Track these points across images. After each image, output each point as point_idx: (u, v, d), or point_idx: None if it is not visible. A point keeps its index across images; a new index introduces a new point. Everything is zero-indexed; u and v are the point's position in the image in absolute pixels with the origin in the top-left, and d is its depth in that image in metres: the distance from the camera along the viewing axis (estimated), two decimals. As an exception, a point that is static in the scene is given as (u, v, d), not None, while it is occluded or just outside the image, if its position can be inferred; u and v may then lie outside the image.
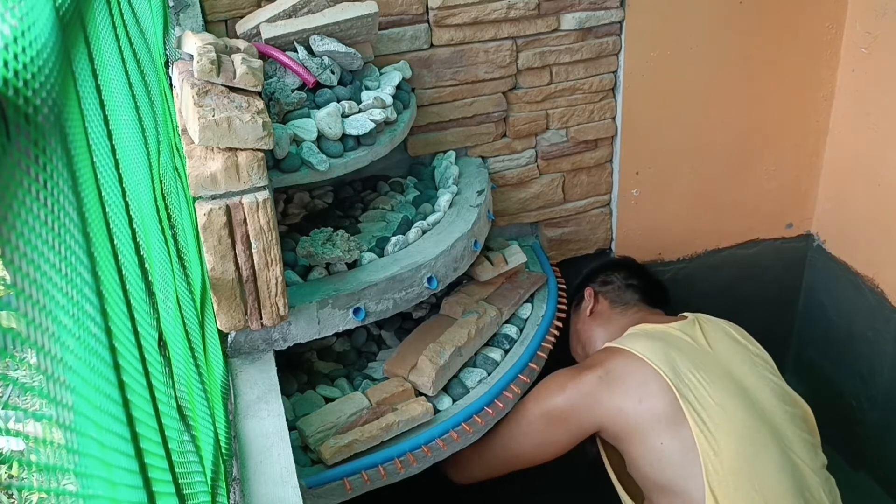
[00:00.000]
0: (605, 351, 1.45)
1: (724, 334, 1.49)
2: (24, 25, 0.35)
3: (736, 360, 1.43)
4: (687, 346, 1.42)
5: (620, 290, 1.63)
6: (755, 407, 1.36)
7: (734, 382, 1.37)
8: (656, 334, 1.44)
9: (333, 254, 1.29)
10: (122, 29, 0.79)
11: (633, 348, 1.39)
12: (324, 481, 1.20)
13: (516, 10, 1.56)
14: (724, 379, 1.37)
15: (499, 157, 1.71)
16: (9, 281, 0.31)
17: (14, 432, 0.33)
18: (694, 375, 1.35)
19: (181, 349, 0.77)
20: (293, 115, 1.31)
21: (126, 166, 0.64)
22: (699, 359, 1.39)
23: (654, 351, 1.37)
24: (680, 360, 1.36)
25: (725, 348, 1.45)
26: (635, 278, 1.66)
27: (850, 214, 1.89)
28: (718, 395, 1.33)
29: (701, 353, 1.42)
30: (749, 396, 1.37)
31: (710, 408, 1.31)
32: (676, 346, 1.40)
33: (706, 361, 1.39)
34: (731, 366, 1.42)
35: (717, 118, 1.81)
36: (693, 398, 1.32)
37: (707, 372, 1.36)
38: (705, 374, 1.36)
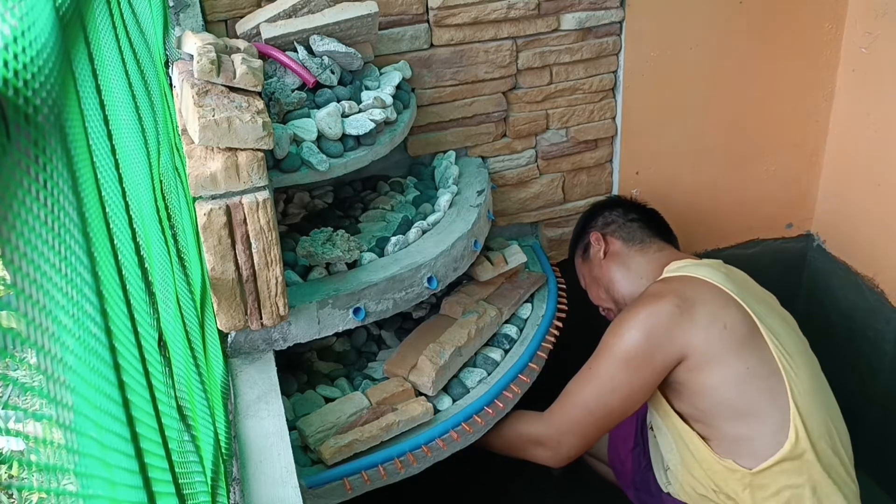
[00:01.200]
0: (667, 280, 1.38)
1: (750, 279, 1.48)
2: (24, 25, 0.35)
3: (769, 298, 1.44)
4: (739, 279, 1.40)
5: (626, 227, 1.55)
6: (801, 340, 1.38)
7: (777, 313, 1.38)
8: (709, 266, 1.40)
9: (333, 254, 1.29)
10: (122, 29, 0.79)
11: (701, 275, 1.35)
12: (324, 481, 1.20)
13: (516, 10, 1.56)
14: (772, 312, 1.37)
15: (499, 157, 1.71)
16: (9, 281, 0.31)
17: (14, 432, 0.33)
18: (758, 305, 1.33)
19: (181, 349, 0.77)
20: (293, 115, 1.31)
21: (126, 166, 0.64)
22: (752, 291, 1.38)
23: (722, 278, 1.34)
24: (744, 291, 1.34)
25: (760, 290, 1.44)
26: (634, 212, 1.59)
27: (850, 214, 1.89)
28: (779, 325, 1.33)
29: (750, 286, 1.41)
30: (791, 327, 1.38)
31: (779, 333, 1.31)
32: (732, 278, 1.37)
33: (757, 294, 1.39)
34: (766, 297, 1.42)
35: (717, 118, 1.81)
36: (767, 322, 1.30)
37: (761, 303, 1.35)
38: (763, 306, 1.35)
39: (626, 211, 1.59)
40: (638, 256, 1.51)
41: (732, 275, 1.40)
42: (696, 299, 1.30)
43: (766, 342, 1.28)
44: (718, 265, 1.42)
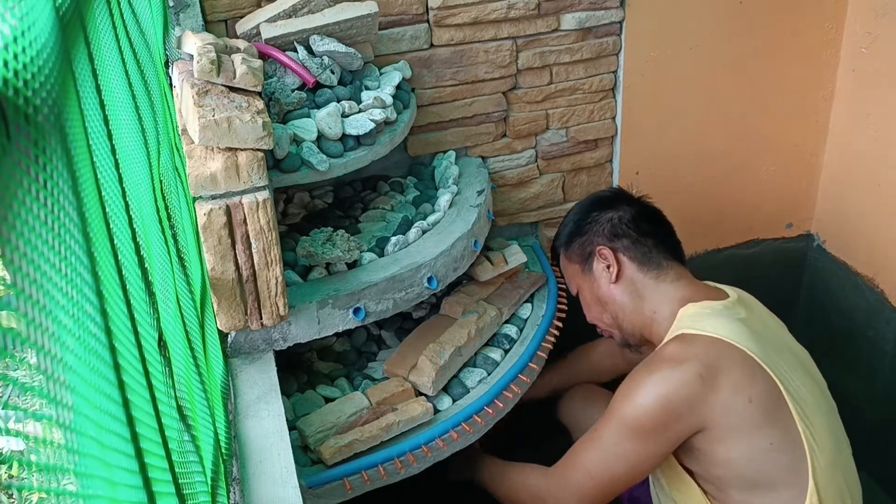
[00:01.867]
0: (687, 340, 1.22)
1: (761, 304, 1.37)
2: (24, 25, 0.35)
3: (783, 333, 1.33)
4: (758, 325, 1.26)
5: (640, 245, 1.35)
6: (819, 385, 1.27)
7: (797, 359, 1.27)
8: (727, 313, 1.25)
9: (333, 254, 1.29)
10: (122, 29, 0.79)
11: (723, 335, 1.20)
12: (324, 481, 1.20)
13: (516, 10, 1.56)
14: (793, 359, 1.26)
15: (499, 157, 1.71)
16: (9, 281, 0.31)
17: (14, 432, 0.33)
18: (780, 360, 1.21)
19: (181, 349, 0.77)
20: (293, 115, 1.31)
21: (126, 166, 0.64)
22: (771, 339, 1.26)
23: (745, 336, 1.20)
24: (766, 344, 1.22)
25: (773, 321, 1.34)
26: (645, 222, 1.39)
27: (850, 214, 1.89)
28: (801, 380, 1.22)
29: (768, 331, 1.28)
30: (809, 373, 1.28)
31: (804, 397, 1.20)
32: (753, 327, 1.24)
33: (776, 341, 1.26)
34: (787, 340, 1.32)
35: (717, 118, 1.81)
36: (792, 388, 1.19)
37: (782, 353, 1.24)
38: (784, 357, 1.23)
39: (637, 218, 1.38)
40: (653, 285, 1.33)
41: (752, 319, 1.27)
42: (721, 368, 1.16)
43: (790, 412, 1.17)
44: (736, 306, 1.28)
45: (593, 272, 1.38)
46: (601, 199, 1.44)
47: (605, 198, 1.45)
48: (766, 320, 1.32)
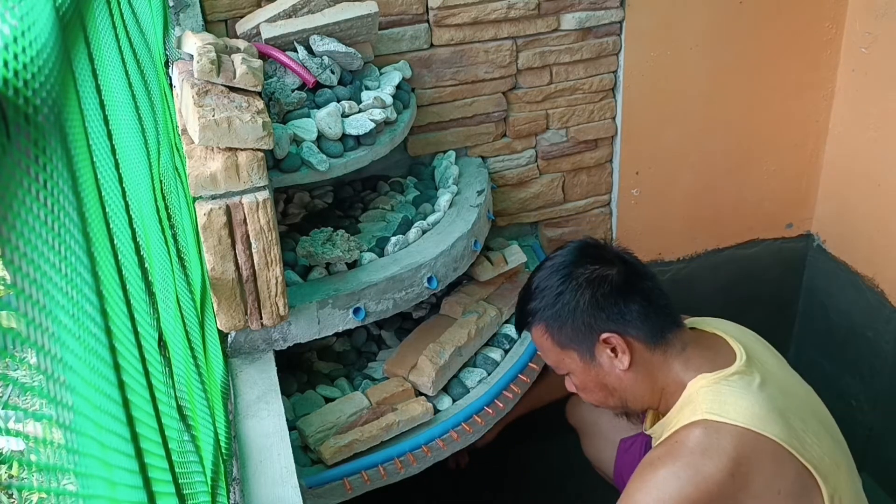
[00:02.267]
0: (716, 430, 1.10)
1: (764, 347, 1.27)
2: (24, 25, 0.35)
3: (790, 377, 1.25)
4: (774, 390, 1.16)
5: (644, 317, 1.18)
6: (834, 437, 1.21)
7: (812, 412, 1.21)
8: (745, 384, 1.14)
9: (333, 254, 1.29)
10: (122, 29, 0.79)
11: (750, 424, 1.09)
12: (324, 481, 1.20)
13: (516, 10, 1.56)
14: (811, 415, 1.18)
15: (499, 157, 1.71)
16: (9, 281, 0.31)
17: (14, 432, 0.33)
18: (801, 427, 1.13)
19: (181, 349, 0.77)
20: (293, 115, 1.31)
21: (126, 166, 0.64)
22: (790, 400, 1.17)
23: (770, 419, 1.11)
24: (784, 409, 1.13)
25: (777, 365, 1.25)
26: (637, 282, 1.22)
27: (850, 214, 1.89)
28: (822, 443, 1.15)
29: (784, 391, 1.18)
30: (825, 426, 1.21)
31: (827, 466, 1.13)
32: (773, 398, 1.14)
33: (793, 400, 1.18)
34: (798, 389, 1.23)
35: (717, 118, 1.81)
36: (816, 462, 1.11)
37: (802, 416, 1.15)
38: (803, 419, 1.15)
39: (631, 282, 1.20)
40: (661, 361, 1.19)
41: (768, 383, 1.15)
42: (752, 465, 1.08)
43: (819, 491, 1.11)
44: (748, 371, 1.16)
45: (596, 360, 1.20)
46: (577, 261, 1.22)
47: (582, 258, 1.22)
48: (776, 374, 1.21)
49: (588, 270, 1.20)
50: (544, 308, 1.21)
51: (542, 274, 1.24)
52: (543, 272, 1.24)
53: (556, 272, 1.22)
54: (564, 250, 1.26)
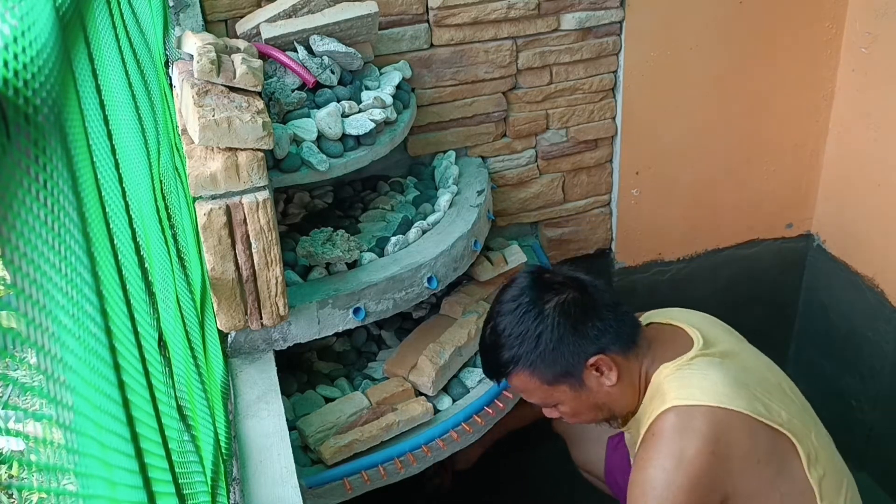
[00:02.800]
0: (687, 415, 1.13)
1: (720, 329, 1.30)
2: (24, 25, 0.35)
3: (745, 349, 1.28)
4: (734, 365, 1.20)
5: (614, 329, 1.19)
6: (799, 400, 1.25)
7: (776, 382, 1.24)
8: (706, 365, 1.18)
9: (333, 254, 1.29)
10: (122, 29, 0.79)
11: (715, 402, 1.12)
12: (324, 481, 1.20)
13: (516, 10, 1.56)
14: (774, 385, 1.22)
15: (499, 157, 1.71)
16: (9, 281, 0.31)
17: (14, 432, 0.33)
18: (766, 396, 1.17)
19: (181, 349, 0.77)
20: (293, 115, 1.31)
21: (126, 166, 0.64)
22: (750, 372, 1.21)
23: (734, 392, 1.14)
24: (747, 381, 1.17)
25: (733, 340, 1.29)
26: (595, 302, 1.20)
27: (850, 214, 1.89)
28: (789, 408, 1.18)
29: (742, 363, 1.22)
30: (787, 390, 1.24)
31: (798, 428, 1.16)
32: (733, 372, 1.18)
33: (753, 372, 1.21)
34: (754, 360, 1.27)
35: (717, 118, 1.81)
36: (787, 425, 1.15)
37: (763, 385, 1.19)
38: (766, 389, 1.18)
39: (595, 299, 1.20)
40: (636, 363, 1.22)
41: (727, 361, 1.19)
42: (728, 440, 1.11)
43: (796, 454, 1.15)
44: (707, 352, 1.19)
45: (585, 385, 1.19)
46: (538, 295, 1.19)
47: (540, 291, 1.19)
48: (734, 351, 1.24)
49: (553, 300, 1.18)
50: (527, 353, 1.17)
51: (507, 319, 1.18)
52: (507, 317, 1.18)
53: (524, 313, 1.17)
54: (516, 287, 1.21)
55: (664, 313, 1.32)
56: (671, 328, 1.26)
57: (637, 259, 1.91)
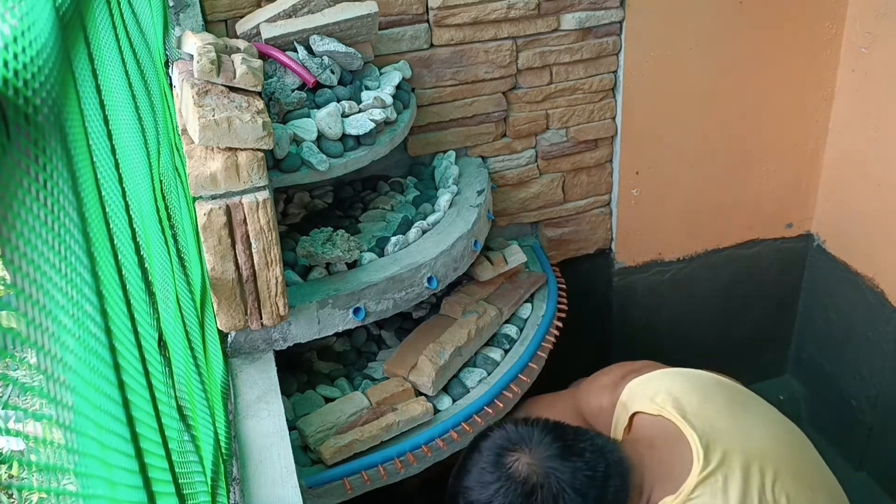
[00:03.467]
0: None
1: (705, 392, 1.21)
2: (24, 25, 0.35)
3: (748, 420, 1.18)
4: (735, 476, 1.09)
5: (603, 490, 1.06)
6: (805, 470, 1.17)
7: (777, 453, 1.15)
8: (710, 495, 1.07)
9: (333, 254, 1.29)
10: (122, 29, 0.79)
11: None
12: (324, 481, 1.20)
13: (516, 10, 1.56)
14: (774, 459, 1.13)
15: (499, 157, 1.71)
16: (9, 281, 0.31)
17: (14, 432, 0.33)
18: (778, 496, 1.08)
19: (181, 349, 0.77)
20: (293, 115, 1.31)
21: (126, 166, 0.64)
22: (749, 474, 1.10)
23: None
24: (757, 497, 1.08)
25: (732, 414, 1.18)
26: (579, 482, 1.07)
27: (850, 214, 1.89)
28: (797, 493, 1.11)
29: (742, 461, 1.10)
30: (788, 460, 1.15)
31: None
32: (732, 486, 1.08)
33: (752, 464, 1.11)
34: (759, 434, 1.16)
35: (717, 118, 1.81)
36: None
37: (764, 467, 1.10)
38: (772, 473, 1.10)
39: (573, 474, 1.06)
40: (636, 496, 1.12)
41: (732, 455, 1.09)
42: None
43: None
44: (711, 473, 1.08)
45: None
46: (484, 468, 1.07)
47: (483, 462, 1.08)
48: (733, 438, 1.12)
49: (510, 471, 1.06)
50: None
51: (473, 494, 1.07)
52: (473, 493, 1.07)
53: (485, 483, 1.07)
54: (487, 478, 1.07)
55: (646, 388, 1.19)
56: (663, 423, 1.14)
57: (637, 259, 1.91)
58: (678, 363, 1.37)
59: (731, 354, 2.13)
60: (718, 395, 1.19)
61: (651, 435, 1.14)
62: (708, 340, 2.09)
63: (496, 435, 1.11)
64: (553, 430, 1.09)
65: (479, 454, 1.10)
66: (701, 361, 2.08)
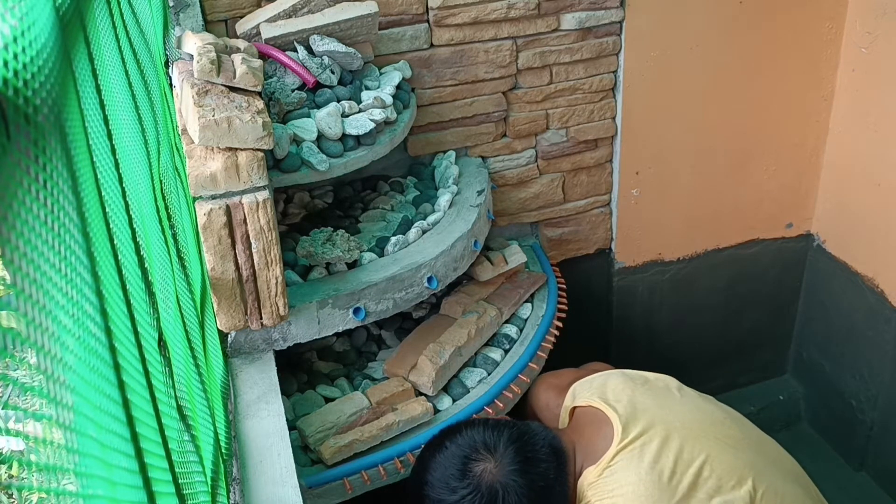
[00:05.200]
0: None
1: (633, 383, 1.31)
2: (24, 25, 0.35)
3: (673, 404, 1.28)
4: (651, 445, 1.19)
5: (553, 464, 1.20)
6: (735, 441, 1.25)
7: (702, 429, 1.24)
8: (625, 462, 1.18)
9: (333, 254, 1.29)
10: (122, 29, 0.79)
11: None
12: (324, 481, 1.20)
13: (516, 10, 1.56)
14: (696, 435, 1.22)
15: (499, 157, 1.71)
16: (9, 281, 0.31)
17: (14, 432, 0.33)
18: (693, 465, 1.18)
19: (181, 349, 0.77)
20: (293, 115, 1.31)
21: (126, 166, 0.64)
22: (670, 439, 1.20)
23: (655, 485, 1.16)
24: (672, 464, 1.18)
25: (657, 399, 1.28)
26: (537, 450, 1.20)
27: (850, 214, 1.89)
28: (720, 462, 1.19)
29: (662, 435, 1.21)
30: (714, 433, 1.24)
31: (732, 489, 1.17)
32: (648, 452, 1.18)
33: (670, 432, 1.21)
34: (676, 404, 1.28)
35: (717, 118, 1.81)
36: (717, 491, 1.16)
37: (685, 442, 1.20)
38: (690, 449, 1.19)
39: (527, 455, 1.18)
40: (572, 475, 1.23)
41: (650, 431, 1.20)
42: None
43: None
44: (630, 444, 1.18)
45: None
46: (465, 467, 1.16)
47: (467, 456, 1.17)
48: (654, 416, 1.23)
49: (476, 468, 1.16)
50: None
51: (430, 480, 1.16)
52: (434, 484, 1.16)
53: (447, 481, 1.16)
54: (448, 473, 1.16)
55: (584, 387, 1.31)
56: (592, 411, 1.26)
57: (637, 259, 1.91)
58: (678, 363, 1.38)
59: (731, 354, 2.13)
60: (651, 386, 1.31)
61: (582, 423, 1.27)
62: (708, 340, 2.09)
63: (465, 438, 1.19)
64: (517, 440, 1.19)
65: (446, 453, 1.18)
66: (701, 361, 2.09)
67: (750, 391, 2.17)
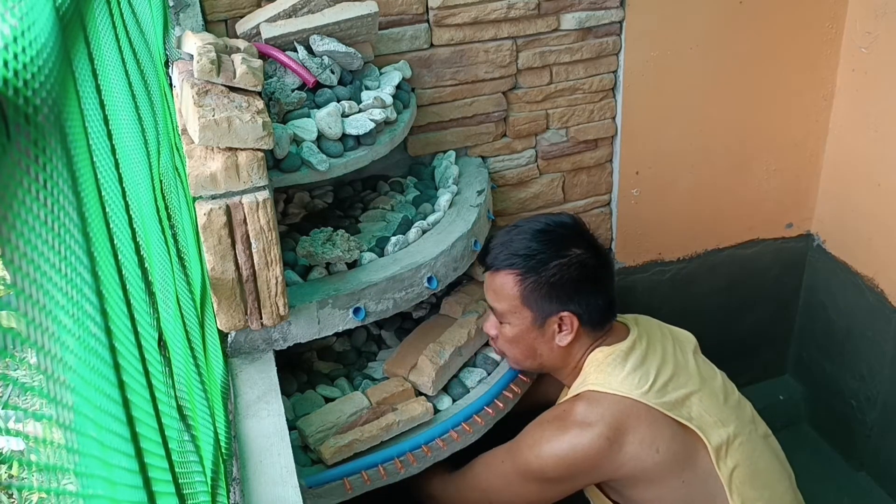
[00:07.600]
0: (594, 401, 1.26)
1: (662, 334, 1.40)
2: (24, 25, 0.35)
3: (683, 352, 1.37)
4: (657, 359, 1.31)
5: (599, 308, 1.32)
6: (727, 398, 1.33)
7: (702, 380, 1.32)
8: (631, 356, 1.30)
9: (333, 254, 1.29)
10: (122, 29, 0.79)
11: (626, 391, 1.25)
12: (324, 481, 1.21)
13: (516, 10, 1.56)
14: (700, 383, 1.31)
15: (499, 156, 1.71)
16: (9, 281, 0.31)
17: (14, 432, 0.33)
18: (683, 390, 1.27)
19: (181, 349, 0.77)
20: (293, 115, 1.31)
21: (126, 166, 0.64)
22: (672, 368, 1.31)
23: (644, 384, 1.25)
24: (665, 380, 1.28)
25: (671, 343, 1.38)
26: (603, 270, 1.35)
27: (850, 214, 1.89)
28: (705, 403, 1.28)
29: (668, 359, 1.32)
30: (715, 389, 1.33)
31: (709, 423, 1.25)
32: (654, 366, 1.29)
33: (676, 368, 1.31)
34: (687, 360, 1.35)
35: (717, 118, 1.81)
36: (698, 420, 1.24)
37: (686, 383, 1.29)
38: (685, 382, 1.29)
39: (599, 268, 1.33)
40: (587, 344, 1.34)
41: (651, 353, 1.31)
42: (627, 428, 1.22)
43: (702, 444, 1.24)
44: (637, 343, 1.32)
45: (542, 327, 1.31)
46: (573, 240, 1.32)
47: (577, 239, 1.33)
48: (663, 351, 1.34)
49: (579, 252, 1.31)
50: (532, 267, 1.29)
51: (543, 238, 1.31)
52: (543, 236, 1.32)
53: (555, 243, 1.31)
54: (563, 224, 1.35)
55: (630, 316, 1.43)
56: (619, 324, 1.39)
57: (637, 259, 1.91)
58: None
59: (731, 354, 2.12)
60: (661, 331, 1.42)
61: (613, 326, 1.38)
62: (708, 340, 2.07)
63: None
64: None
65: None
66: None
67: (750, 391, 2.15)
